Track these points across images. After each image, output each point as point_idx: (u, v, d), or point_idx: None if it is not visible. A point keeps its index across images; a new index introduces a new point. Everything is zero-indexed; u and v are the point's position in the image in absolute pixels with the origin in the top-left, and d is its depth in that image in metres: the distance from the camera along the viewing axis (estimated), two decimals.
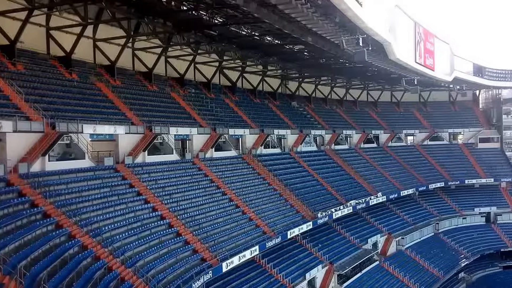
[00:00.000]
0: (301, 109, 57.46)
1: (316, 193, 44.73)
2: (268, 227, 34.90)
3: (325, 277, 39.60)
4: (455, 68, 53.67)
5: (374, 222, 51.80)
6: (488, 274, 60.23)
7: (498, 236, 62.46)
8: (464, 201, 65.48)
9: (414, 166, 63.47)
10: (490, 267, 61.24)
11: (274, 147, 47.44)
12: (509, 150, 69.30)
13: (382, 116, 70.16)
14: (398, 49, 36.32)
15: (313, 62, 47.72)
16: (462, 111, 75.45)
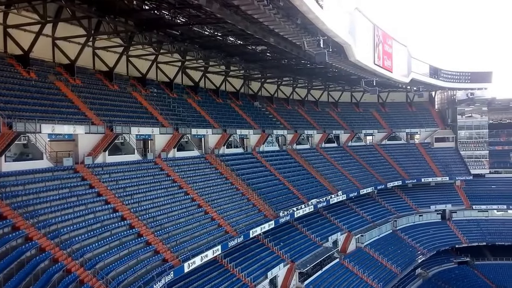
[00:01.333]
0: (264, 109, 57.91)
1: (278, 192, 45.24)
2: (231, 227, 35.04)
3: (287, 275, 40.16)
4: (412, 70, 55.43)
5: (334, 220, 52.91)
6: (444, 270, 62.63)
7: (453, 233, 65.16)
8: (421, 199, 67.89)
9: (373, 165, 65.23)
10: (445, 262, 63.73)
11: (237, 147, 47.64)
12: (463, 149, 72.22)
13: (343, 117, 71.69)
14: (358, 51, 37.23)
15: (275, 63, 48.26)
16: (418, 112, 78.15)
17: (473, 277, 62.17)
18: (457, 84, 69.83)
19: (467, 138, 72.36)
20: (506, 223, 66.64)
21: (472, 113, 72.53)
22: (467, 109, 72.72)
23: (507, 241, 63.65)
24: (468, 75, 69.86)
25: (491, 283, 60.85)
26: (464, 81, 69.84)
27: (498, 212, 67.97)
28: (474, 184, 70.05)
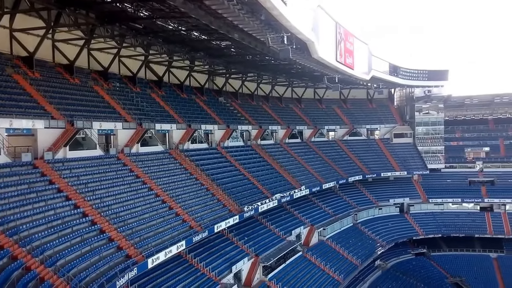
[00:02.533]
0: (228, 105, 58.00)
1: (243, 187, 45.55)
2: (195, 222, 35.06)
3: (251, 269, 40.66)
4: (372, 67, 56.82)
5: (298, 214, 53.84)
6: (402, 261, 64.95)
7: (411, 225, 67.61)
8: (380, 193, 70.03)
9: (335, 160, 66.63)
10: (403, 254, 66.10)
11: (201, 142, 47.58)
12: (420, 145, 74.86)
13: (306, 113, 72.76)
14: (321, 48, 37.86)
15: (240, 59, 48.41)
16: (378, 108, 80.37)
17: (430, 267, 64.81)
18: (415, 82, 72.05)
19: (424, 134, 75.10)
20: (460, 216, 69.83)
21: (429, 110, 75.30)
22: (425, 106, 75.39)
23: (461, 232, 66.71)
24: (426, 73, 72.26)
25: (446, 273, 63.63)
26: (421, 79, 72.15)
27: (453, 205, 71.11)
28: (431, 178, 72.91)
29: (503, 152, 76.34)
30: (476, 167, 74.57)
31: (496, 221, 67.32)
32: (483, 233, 66.49)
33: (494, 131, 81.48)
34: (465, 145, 78.81)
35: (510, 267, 62.80)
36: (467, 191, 71.19)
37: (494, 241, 66.30)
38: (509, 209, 68.56)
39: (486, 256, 66.03)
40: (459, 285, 61.02)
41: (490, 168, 74.20)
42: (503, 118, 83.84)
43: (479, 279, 61.59)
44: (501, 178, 71.82)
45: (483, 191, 70.48)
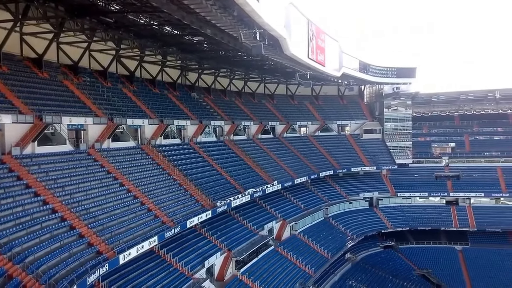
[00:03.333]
0: (201, 100, 57.87)
1: (216, 183, 45.67)
2: (168, 217, 35.00)
3: (223, 264, 40.90)
4: (343, 64, 57.75)
5: (270, 209, 54.40)
6: (371, 254, 66.51)
7: (380, 219, 69.28)
8: (351, 187, 71.43)
9: (307, 155, 67.53)
10: (372, 247, 67.70)
11: (174, 137, 47.40)
12: (389, 141, 76.65)
13: (278, 108, 73.36)
14: (293, 44, 38.31)
15: (212, 54, 48.35)
16: (349, 105, 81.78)
17: (398, 260, 66.66)
18: (384, 79, 73.68)
19: (392, 130, 76.91)
20: (427, 209, 72.03)
21: (398, 106, 77.17)
22: (393, 103, 77.16)
23: (428, 225, 68.87)
24: (395, 71, 74.00)
25: (414, 265, 65.56)
26: (390, 76, 73.83)
27: (420, 199, 73.29)
28: (399, 173, 74.85)
29: (468, 148, 79.09)
30: (442, 162, 77.04)
31: (461, 215, 69.77)
32: (449, 226, 68.81)
33: (460, 127, 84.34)
34: (432, 140, 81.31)
35: (474, 259, 65.32)
36: (433, 185, 73.52)
37: (459, 233, 68.73)
38: (473, 203, 71.20)
39: (451, 248, 68.41)
40: (425, 276, 62.91)
41: (456, 163, 76.79)
42: (468, 115, 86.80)
43: (445, 271, 63.78)
44: (466, 173, 74.45)
45: (449, 186, 72.89)
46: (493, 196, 70.73)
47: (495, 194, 70.60)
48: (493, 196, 70.73)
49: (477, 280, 61.16)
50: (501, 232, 66.88)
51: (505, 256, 65.02)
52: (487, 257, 64.79)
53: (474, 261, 64.75)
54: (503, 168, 73.62)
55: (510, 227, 66.19)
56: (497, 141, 79.05)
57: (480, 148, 77.71)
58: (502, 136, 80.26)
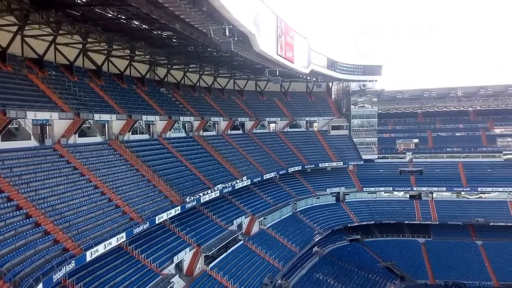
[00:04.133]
0: (170, 96, 57.46)
1: (185, 178, 45.62)
2: (136, 213, 34.80)
3: (193, 259, 41.05)
4: (312, 61, 58.42)
5: (239, 204, 54.77)
6: (338, 247, 67.97)
7: (346, 213, 70.81)
8: (318, 182, 72.62)
9: (275, 151, 68.21)
10: (339, 240, 69.17)
11: (143, 133, 46.98)
12: (356, 137, 78.23)
13: (248, 104, 73.66)
14: (262, 41, 38.51)
15: (181, 49, 48.11)
16: (317, 101, 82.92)
17: (363, 253, 68.38)
18: (351, 76, 74.95)
19: (359, 126, 78.55)
20: (391, 203, 74.10)
21: (364, 103, 78.84)
22: (360, 100, 78.78)
23: (392, 219, 70.90)
24: (361, 68, 75.43)
25: (378, 257, 67.42)
26: (357, 74, 75.17)
27: (385, 194, 75.33)
28: (365, 168, 76.63)
29: (431, 144, 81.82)
30: (406, 158, 79.44)
31: (424, 208, 72.12)
32: (412, 219, 71.02)
33: (423, 124, 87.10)
34: (397, 137, 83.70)
35: (436, 251, 67.75)
36: (398, 180, 75.70)
37: (422, 227, 71.07)
38: (436, 197, 73.75)
39: (414, 241, 70.65)
40: (390, 268, 64.88)
41: (419, 158, 79.29)
42: (431, 112, 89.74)
43: (409, 263, 65.88)
44: (429, 168, 77.03)
45: (412, 180, 75.22)
46: (454, 190, 73.46)
47: (456, 188, 73.34)
48: (455, 191, 73.48)
49: (439, 272, 63.50)
50: (461, 225, 69.64)
51: (465, 248, 67.80)
52: (448, 249, 67.34)
53: (436, 253, 67.16)
54: (464, 164, 76.56)
55: (471, 220, 68.92)
56: (459, 138, 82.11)
57: (442, 144, 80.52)
58: (463, 132, 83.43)
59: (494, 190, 71.99)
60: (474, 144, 79.31)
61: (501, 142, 79.82)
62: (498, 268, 62.74)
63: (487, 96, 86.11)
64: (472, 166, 75.88)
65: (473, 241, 69.09)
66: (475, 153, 77.74)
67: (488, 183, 72.37)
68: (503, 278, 60.72)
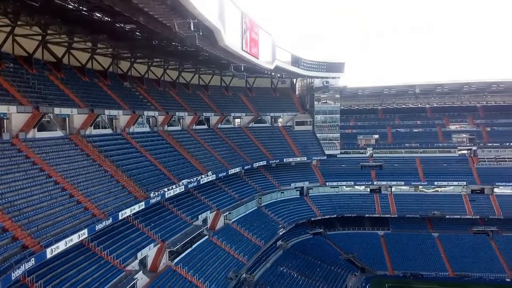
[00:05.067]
0: (134, 90, 56.53)
1: (149, 174, 45.15)
2: (98, 209, 34.23)
3: (157, 255, 40.84)
4: (276, 57, 58.84)
5: (204, 199, 54.75)
6: (301, 240, 69.28)
7: (310, 207, 72.14)
8: (283, 177, 73.58)
9: (241, 146, 68.48)
10: (302, 234, 70.52)
11: (105, 127, 46.12)
12: (319, 132, 79.54)
13: (213, 99, 73.48)
14: (227, 36, 38.51)
15: (145, 43, 47.34)
16: (282, 97, 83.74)
17: (326, 245, 69.95)
18: (315, 73, 76.12)
19: (322, 122, 79.97)
20: (353, 197, 76.10)
21: (327, 99, 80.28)
22: (323, 96, 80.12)
23: (353, 213, 72.87)
24: (324, 65, 76.69)
25: (340, 250, 69.16)
26: (320, 70, 76.42)
27: (347, 188, 77.24)
28: (328, 163, 78.23)
29: (390, 139, 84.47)
30: (367, 153, 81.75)
31: (383, 202, 74.49)
32: (372, 213, 73.26)
33: (383, 120, 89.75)
34: (358, 132, 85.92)
35: (394, 243, 70.18)
36: (359, 175, 77.78)
37: (381, 220, 73.47)
38: (395, 191, 76.27)
39: (374, 233, 72.92)
40: (351, 261, 66.69)
41: (379, 153, 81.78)
42: (390, 108, 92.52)
43: (369, 255, 67.89)
44: (388, 163, 79.56)
45: (373, 175, 77.46)
46: (412, 184, 76.22)
47: (414, 182, 76.13)
48: (412, 185, 76.24)
49: (397, 263, 65.84)
50: (419, 218, 72.36)
51: (422, 240, 70.54)
52: (406, 241, 69.90)
53: (395, 245, 69.56)
54: (421, 159, 79.54)
55: (427, 213, 71.79)
56: (416, 133, 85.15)
57: (401, 140, 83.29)
58: (421, 128, 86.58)
59: (449, 184, 75.22)
60: (431, 140, 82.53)
61: (456, 138, 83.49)
62: (453, 259, 65.71)
63: (444, 93, 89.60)
64: (429, 161, 78.97)
65: (429, 233, 72.00)
66: (431, 148, 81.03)
67: (444, 177, 75.57)
68: (458, 269, 63.66)
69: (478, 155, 79.08)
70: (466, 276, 62.17)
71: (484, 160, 78.27)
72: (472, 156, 79.50)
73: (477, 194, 74.22)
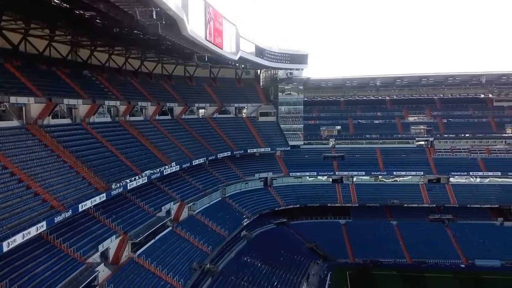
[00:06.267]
0: (94, 79, 55.03)
1: (111, 165, 44.33)
2: (57, 201, 33.43)
3: (119, 247, 40.35)
4: (240, 48, 58.78)
5: (168, 190, 54.30)
6: (265, 230, 70.02)
7: (274, 198, 72.92)
8: (247, 168, 73.93)
9: (205, 137, 68.17)
10: (266, 224, 71.25)
11: (64, 117, 44.84)
12: (283, 123, 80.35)
13: (176, 90, 72.66)
14: (190, 26, 38.16)
15: (106, 31, 46.08)
16: (246, 88, 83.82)
17: (289, 235, 70.96)
18: (279, 64, 76.48)
19: (286, 113, 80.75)
20: (315, 188, 77.49)
21: (291, 91, 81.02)
22: (287, 87, 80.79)
23: (316, 202, 74.28)
24: (288, 57, 77.19)
25: (303, 239, 70.30)
26: (284, 62, 76.82)
27: (310, 178, 78.51)
28: (291, 154, 79.24)
29: (352, 130, 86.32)
30: (329, 144, 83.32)
31: (345, 192, 76.25)
32: (334, 202, 74.88)
33: (345, 111, 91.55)
34: (321, 123, 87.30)
35: (355, 231, 71.97)
36: (322, 165, 79.23)
37: (343, 209, 75.26)
38: (356, 181, 78.18)
39: (336, 222, 74.59)
40: (314, 249, 68.01)
41: (341, 144, 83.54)
42: (352, 100, 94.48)
43: (331, 243, 69.18)
44: (350, 154, 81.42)
45: (335, 165, 79.08)
46: (372, 174, 78.37)
47: (374, 172, 78.29)
48: (373, 175, 78.40)
49: (358, 251, 67.58)
50: (379, 207, 74.58)
51: (381, 227, 72.75)
52: (366, 229, 71.77)
53: (355, 234, 71.32)
54: (381, 149, 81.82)
55: (387, 202, 74.07)
56: (377, 125, 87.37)
57: (362, 131, 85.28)
58: (381, 120, 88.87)
59: (407, 174, 77.84)
60: (390, 131, 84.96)
61: (414, 129, 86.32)
62: (410, 246, 68.13)
63: (403, 86, 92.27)
64: (389, 151, 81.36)
65: (388, 221, 74.38)
66: (391, 139, 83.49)
67: (403, 167, 78.11)
68: (415, 256, 66.07)
69: (435, 146, 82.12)
70: (423, 263, 64.58)
71: (441, 151, 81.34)
72: (429, 147, 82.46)
73: (434, 183, 77.20)
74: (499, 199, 73.14)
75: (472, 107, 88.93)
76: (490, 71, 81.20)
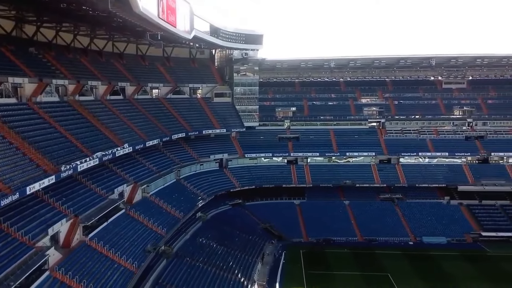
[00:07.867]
0: (41, 56, 52.35)
1: (60, 146, 42.63)
2: (3, 184, 31.91)
3: (70, 230, 39.27)
4: (194, 27, 57.61)
5: (120, 172, 53.12)
6: (220, 212, 70.56)
7: (229, 179, 73.22)
8: (202, 149, 73.62)
9: (158, 118, 66.89)
10: (222, 205, 71.80)
11: (9, 96, 42.55)
12: (238, 104, 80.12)
13: (128, 69, 70.50)
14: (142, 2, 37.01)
15: (52, 6, 43.80)
16: (200, 68, 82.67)
17: (244, 216, 71.84)
18: (234, 44, 75.75)
19: (241, 94, 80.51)
20: (271, 169, 78.57)
21: (246, 71, 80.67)
22: (242, 68, 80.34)
23: (271, 183, 75.43)
24: (243, 37, 76.56)
25: (258, 220, 71.44)
26: (240, 42, 76.15)
27: (265, 159, 79.45)
28: (247, 135, 79.60)
29: (307, 112, 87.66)
30: (284, 125, 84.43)
31: (299, 173, 77.80)
32: (289, 183, 76.30)
33: (300, 93, 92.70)
34: (276, 105, 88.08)
35: (309, 211, 73.92)
36: (277, 146, 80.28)
37: (297, 190, 76.93)
38: (310, 162, 79.93)
39: (291, 203, 76.25)
40: (269, 230, 69.21)
41: (296, 126, 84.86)
42: (307, 82, 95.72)
43: (285, 223, 70.77)
44: (305, 135, 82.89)
45: (290, 146, 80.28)
46: (326, 155, 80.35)
47: (328, 153, 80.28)
48: (326, 156, 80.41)
49: (311, 230, 69.48)
50: (332, 187, 76.74)
51: (334, 207, 75.12)
52: (319, 209, 73.84)
53: (309, 213, 73.23)
54: (335, 131, 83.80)
55: (339, 182, 76.33)
56: (331, 106, 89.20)
57: (316, 113, 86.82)
58: (335, 101, 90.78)
59: (360, 154, 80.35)
60: (344, 112, 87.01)
61: (367, 111, 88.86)
62: (362, 224, 70.81)
63: (356, 68, 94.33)
64: (342, 133, 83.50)
65: (341, 201, 76.83)
66: (344, 121, 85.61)
67: (355, 148, 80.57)
68: (366, 234, 68.76)
69: (386, 127, 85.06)
70: (373, 240, 67.36)
71: (392, 132, 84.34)
72: (380, 128, 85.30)
73: (385, 164, 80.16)
74: (446, 179, 77.04)
75: (422, 89, 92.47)
76: (439, 54, 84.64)
